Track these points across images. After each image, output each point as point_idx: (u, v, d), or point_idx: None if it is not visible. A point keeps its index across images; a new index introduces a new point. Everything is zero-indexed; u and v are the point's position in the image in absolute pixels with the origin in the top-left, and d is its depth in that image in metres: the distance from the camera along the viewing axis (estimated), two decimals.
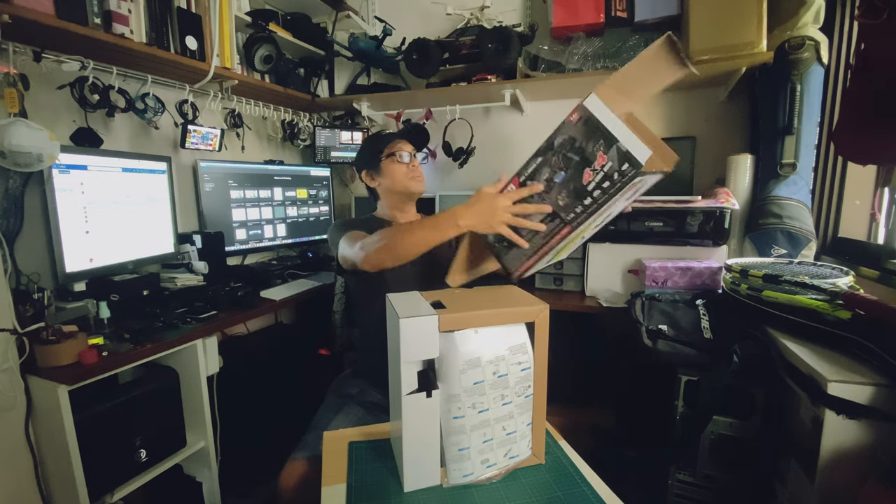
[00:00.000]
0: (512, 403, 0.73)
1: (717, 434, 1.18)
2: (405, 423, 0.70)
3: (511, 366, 0.73)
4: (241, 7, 1.76)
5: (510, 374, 0.73)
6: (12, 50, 1.15)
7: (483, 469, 0.74)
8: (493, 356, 0.71)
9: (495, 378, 0.71)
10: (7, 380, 1.06)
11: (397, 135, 1.35)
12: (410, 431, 0.71)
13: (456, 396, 0.70)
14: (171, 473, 1.35)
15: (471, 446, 0.71)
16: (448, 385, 0.70)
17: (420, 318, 0.67)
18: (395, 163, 1.26)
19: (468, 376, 0.70)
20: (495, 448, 0.74)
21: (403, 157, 1.26)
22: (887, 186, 1.36)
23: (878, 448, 0.85)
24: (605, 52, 1.74)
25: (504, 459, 0.75)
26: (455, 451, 0.72)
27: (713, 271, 1.47)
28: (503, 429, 0.73)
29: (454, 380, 0.70)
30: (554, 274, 1.84)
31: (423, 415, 0.70)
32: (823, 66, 1.39)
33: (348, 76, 2.34)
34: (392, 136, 1.32)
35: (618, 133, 0.72)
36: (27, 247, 1.24)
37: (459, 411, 0.70)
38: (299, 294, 1.70)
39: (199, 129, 1.64)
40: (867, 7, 0.89)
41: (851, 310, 0.97)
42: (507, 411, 0.73)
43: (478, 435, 0.72)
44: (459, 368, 0.69)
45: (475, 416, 0.71)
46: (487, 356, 0.71)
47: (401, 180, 1.26)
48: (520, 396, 0.74)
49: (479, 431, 0.72)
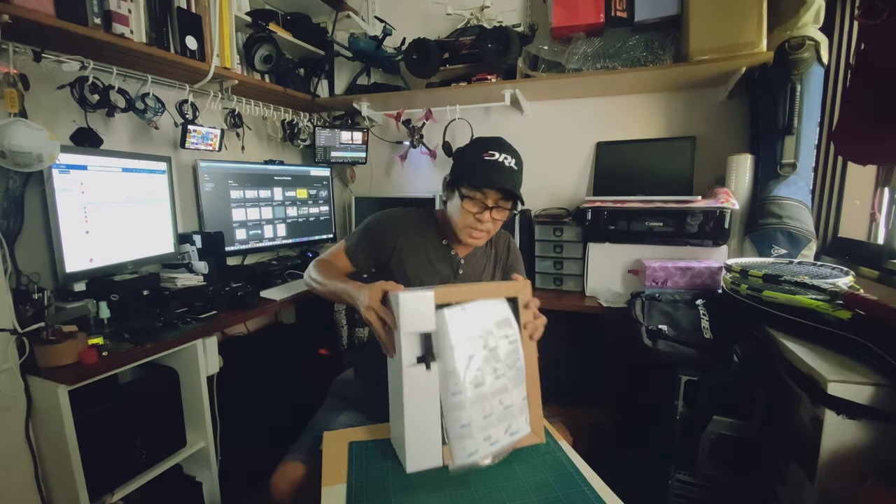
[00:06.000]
0: (505, 377, 0.78)
1: (717, 434, 1.18)
2: (406, 399, 0.73)
3: (499, 340, 0.79)
4: (241, 7, 1.75)
5: (499, 347, 0.79)
6: (12, 50, 1.15)
7: (487, 446, 0.75)
8: (481, 331, 0.78)
9: (486, 352, 0.77)
10: (7, 380, 1.06)
11: (490, 175, 1.04)
12: (412, 408, 0.73)
13: (452, 371, 0.74)
14: (171, 473, 1.35)
15: (472, 422, 0.74)
16: (444, 361, 0.75)
17: (417, 293, 0.75)
18: (466, 205, 1.06)
19: (461, 351, 0.75)
20: (495, 424, 0.76)
21: (473, 208, 1.06)
22: (887, 186, 1.36)
23: (878, 448, 0.86)
24: (605, 52, 1.74)
25: (506, 436, 0.78)
26: (457, 429, 0.74)
27: (713, 271, 1.47)
28: (500, 402, 0.77)
29: (448, 355, 0.74)
30: (554, 274, 1.84)
31: (423, 390, 0.74)
32: (823, 66, 1.39)
33: (348, 76, 2.34)
34: (485, 174, 1.04)
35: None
36: (27, 247, 1.24)
37: (457, 387, 0.74)
38: (299, 294, 1.70)
39: (199, 129, 1.64)
40: (867, 7, 0.89)
41: (851, 310, 0.97)
42: (501, 384, 0.78)
43: (477, 410, 0.75)
44: (452, 345, 0.74)
45: (472, 391, 0.75)
46: (476, 331, 0.77)
47: (458, 223, 1.10)
48: (511, 369, 0.79)
49: (478, 406, 0.75)
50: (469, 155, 1.09)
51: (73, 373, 1.05)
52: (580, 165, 2.07)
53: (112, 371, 1.12)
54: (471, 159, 1.07)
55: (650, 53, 1.69)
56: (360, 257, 1.18)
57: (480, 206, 1.06)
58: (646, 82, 1.79)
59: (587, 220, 1.69)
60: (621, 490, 0.74)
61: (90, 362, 1.07)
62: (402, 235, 1.16)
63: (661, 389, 1.26)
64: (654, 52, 1.68)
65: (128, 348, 1.16)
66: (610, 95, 1.98)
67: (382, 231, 1.17)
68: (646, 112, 1.93)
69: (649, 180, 1.88)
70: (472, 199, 1.05)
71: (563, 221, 1.81)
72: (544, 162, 2.12)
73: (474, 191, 1.05)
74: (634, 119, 1.96)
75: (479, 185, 1.04)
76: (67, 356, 1.07)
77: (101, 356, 1.10)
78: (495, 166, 1.04)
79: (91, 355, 1.08)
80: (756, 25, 1.48)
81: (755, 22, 1.48)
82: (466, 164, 1.09)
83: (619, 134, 1.98)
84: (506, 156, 1.05)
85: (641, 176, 1.90)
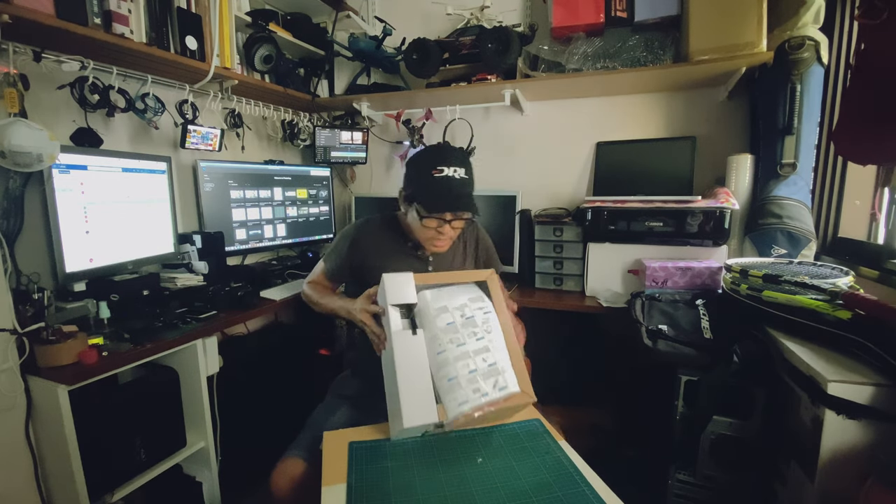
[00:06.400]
0: (485, 339, 0.89)
1: (717, 434, 1.18)
2: (397, 361, 0.83)
3: (475, 310, 0.93)
4: (241, 7, 1.75)
5: (475, 316, 0.92)
6: (12, 50, 1.15)
7: (477, 398, 0.83)
8: (457, 304, 0.93)
9: (463, 319, 0.91)
10: (7, 380, 1.06)
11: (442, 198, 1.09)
12: (403, 368, 0.83)
13: (435, 336, 0.88)
14: (171, 473, 1.35)
15: (458, 375, 0.84)
16: (427, 329, 0.90)
17: (398, 274, 0.93)
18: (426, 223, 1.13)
19: (441, 319, 0.90)
20: (481, 379, 0.85)
21: (432, 224, 1.12)
22: (887, 186, 1.36)
23: (878, 448, 0.86)
24: (605, 52, 1.74)
25: (494, 391, 0.84)
26: (446, 384, 0.84)
27: (713, 271, 1.47)
28: (483, 360, 0.87)
29: (431, 323, 0.90)
30: (554, 274, 1.84)
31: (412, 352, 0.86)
32: (823, 66, 1.39)
33: (348, 76, 2.34)
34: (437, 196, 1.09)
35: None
36: (27, 247, 1.24)
37: (440, 347, 0.87)
38: (299, 294, 1.70)
39: (199, 129, 1.64)
40: (867, 7, 0.89)
41: (851, 310, 0.97)
42: (482, 345, 0.89)
43: (462, 365, 0.85)
44: (432, 315, 0.90)
45: (455, 350, 0.87)
46: (453, 304, 0.93)
47: (420, 237, 1.17)
48: (489, 333, 0.91)
49: (462, 362, 0.85)
50: (420, 172, 1.12)
51: (73, 373, 1.05)
52: (580, 165, 2.07)
53: (112, 371, 1.12)
54: (423, 178, 1.11)
55: (650, 53, 1.69)
56: (338, 276, 1.30)
57: (439, 222, 1.12)
58: (646, 82, 1.79)
59: (587, 220, 1.69)
60: (621, 490, 0.74)
61: (90, 362, 1.07)
62: (368, 246, 1.24)
63: (661, 389, 1.26)
64: (654, 52, 1.68)
65: (128, 348, 1.16)
66: (610, 95, 1.98)
67: (349, 246, 1.25)
68: (646, 112, 1.93)
69: (649, 180, 1.88)
70: (430, 218, 1.11)
71: (563, 221, 1.81)
72: (544, 162, 2.12)
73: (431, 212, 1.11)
74: (634, 119, 1.96)
75: (434, 210, 1.10)
76: (67, 356, 1.07)
77: (101, 356, 1.10)
78: (446, 185, 1.08)
79: (91, 355, 1.08)
80: (756, 25, 1.47)
81: (755, 22, 1.47)
82: (419, 184, 1.13)
83: (619, 134, 1.98)
84: (454, 168, 1.09)
85: (641, 176, 1.90)
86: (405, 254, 1.25)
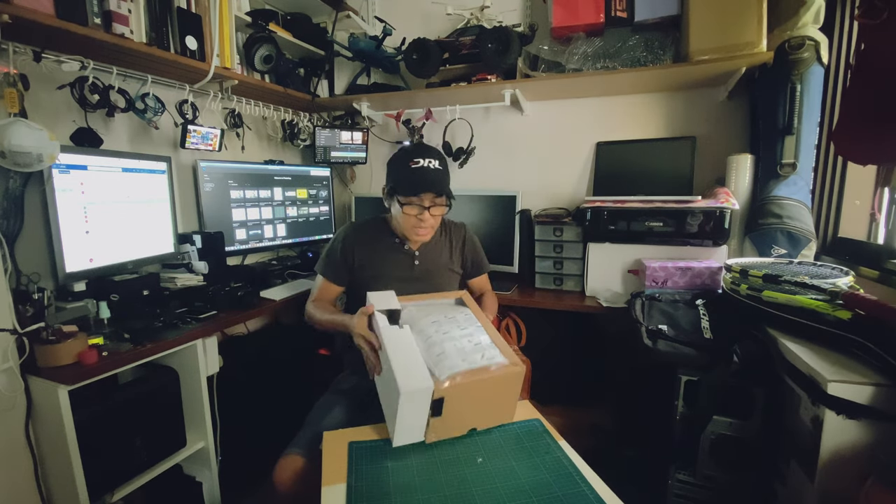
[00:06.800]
0: (468, 329, 0.99)
1: (717, 434, 1.18)
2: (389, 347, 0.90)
3: (456, 312, 1.07)
4: (241, 7, 1.75)
5: (457, 315, 1.05)
6: (12, 50, 1.15)
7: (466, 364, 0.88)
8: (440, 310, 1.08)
9: (445, 318, 1.03)
10: (7, 380, 1.06)
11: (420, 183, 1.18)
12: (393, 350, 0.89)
13: (423, 330, 0.99)
14: (171, 473, 1.35)
15: (445, 350, 0.91)
16: (416, 328, 0.99)
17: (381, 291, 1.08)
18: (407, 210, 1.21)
19: (427, 319, 1.03)
20: (468, 355, 0.91)
21: (413, 212, 1.21)
22: (887, 186, 1.36)
23: (878, 448, 0.86)
24: (605, 52, 1.74)
25: (483, 360, 0.90)
26: (435, 357, 0.90)
27: (713, 271, 1.47)
28: (469, 340, 0.95)
29: (418, 323, 1.01)
30: (554, 274, 1.84)
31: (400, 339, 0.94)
32: (823, 66, 1.39)
33: (348, 76, 2.34)
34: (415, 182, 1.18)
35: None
36: (27, 247, 1.24)
37: (428, 336, 0.97)
38: (299, 294, 1.70)
39: (199, 129, 1.64)
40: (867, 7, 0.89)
41: (851, 310, 0.97)
42: (467, 332, 0.98)
43: (450, 346, 0.93)
44: (418, 317, 1.04)
45: (442, 335, 0.96)
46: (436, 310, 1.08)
47: (404, 226, 1.26)
48: (472, 325, 1.01)
49: (450, 343, 0.93)
50: (398, 166, 1.23)
51: (73, 373, 1.05)
52: (580, 165, 2.07)
53: (112, 371, 1.12)
54: (400, 170, 1.21)
55: (650, 53, 1.69)
56: (340, 277, 1.32)
57: (419, 209, 1.21)
58: (646, 82, 1.79)
59: (587, 220, 1.69)
60: (621, 490, 0.74)
61: (90, 362, 1.07)
62: (358, 245, 1.31)
63: (661, 389, 1.26)
64: (654, 52, 1.68)
65: (128, 348, 1.16)
66: (610, 95, 1.98)
67: (342, 248, 1.30)
68: (646, 112, 1.93)
69: (649, 180, 1.88)
70: (410, 205, 1.20)
71: (563, 221, 1.81)
72: (544, 162, 2.12)
73: (410, 197, 1.19)
74: (634, 119, 1.96)
75: (412, 192, 1.19)
76: (67, 356, 1.07)
77: (101, 356, 1.10)
78: (423, 172, 1.18)
79: (91, 355, 1.08)
80: (756, 25, 1.47)
81: (755, 22, 1.47)
82: (398, 176, 1.22)
83: (618, 134, 1.98)
84: (430, 160, 1.19)
85: (641, 176, 1.90)
86: (393, 249, 1.32)
